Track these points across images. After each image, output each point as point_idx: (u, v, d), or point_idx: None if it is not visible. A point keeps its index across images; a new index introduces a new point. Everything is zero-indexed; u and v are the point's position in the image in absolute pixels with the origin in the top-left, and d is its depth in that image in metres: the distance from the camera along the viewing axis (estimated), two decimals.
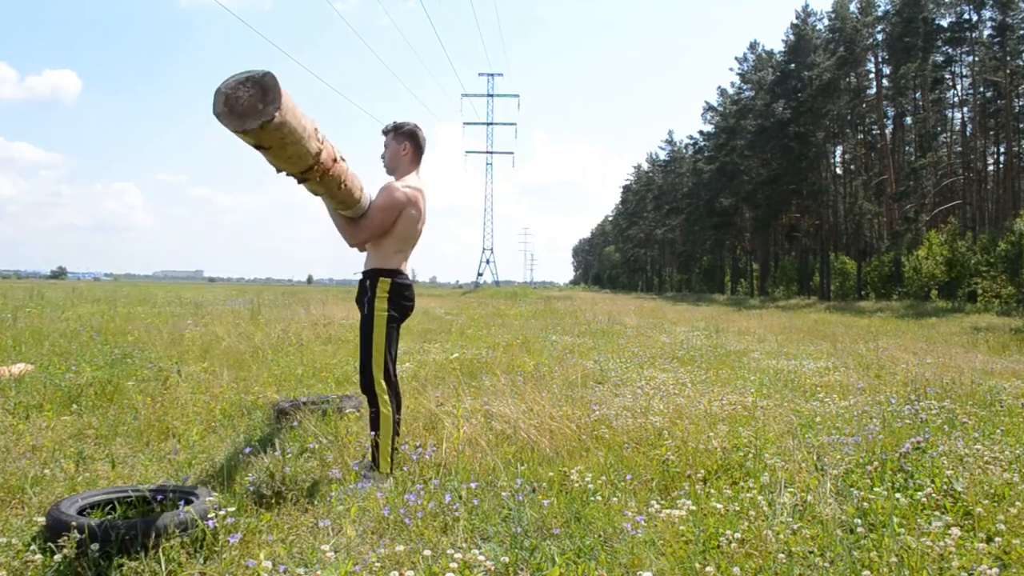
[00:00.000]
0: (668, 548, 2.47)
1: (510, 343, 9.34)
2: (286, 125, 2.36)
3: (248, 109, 2.28)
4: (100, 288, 41.47)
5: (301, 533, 2.73)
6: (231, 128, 2.30)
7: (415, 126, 3.67)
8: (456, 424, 3.99)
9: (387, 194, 3.47)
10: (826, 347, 10.34)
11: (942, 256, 30.14)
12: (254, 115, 2.28)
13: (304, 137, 2.55)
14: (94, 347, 7.79)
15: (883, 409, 4.78)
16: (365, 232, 3.50)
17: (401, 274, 3.57)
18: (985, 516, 2.69)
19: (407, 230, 3.53)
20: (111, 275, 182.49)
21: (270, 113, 2.26)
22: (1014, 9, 33.17)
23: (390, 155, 3.64)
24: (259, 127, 2.27)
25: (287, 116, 2.35)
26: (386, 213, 3.45)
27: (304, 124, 2.53)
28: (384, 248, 3.53)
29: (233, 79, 2.31)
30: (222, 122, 2.31)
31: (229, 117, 2.29)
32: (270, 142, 2.42)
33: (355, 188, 3.27)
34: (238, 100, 2.29)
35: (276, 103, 2.27)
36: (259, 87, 2.29)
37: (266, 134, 2.34)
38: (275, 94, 2.28)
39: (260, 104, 2.28)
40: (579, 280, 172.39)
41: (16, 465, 3.43)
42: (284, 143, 2.46)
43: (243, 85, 2.30)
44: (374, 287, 3.48)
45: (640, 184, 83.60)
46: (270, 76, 2.29)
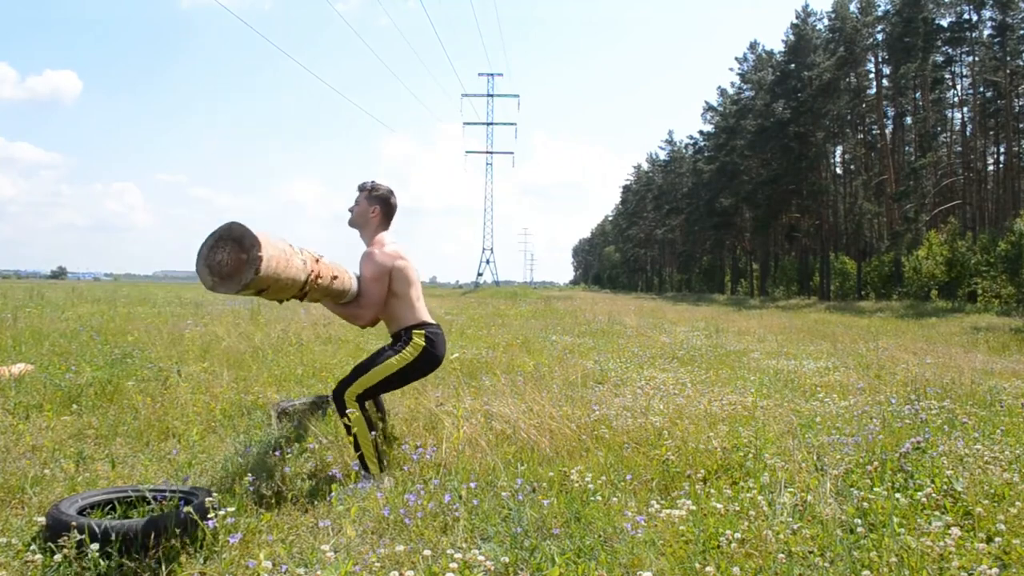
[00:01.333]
0: (668, 548, 2.47)
1: (510, 343, 9.34)
2: (272, 259, 2.38)
3: (236, 266, 2.28)
4: (100, 288, 41.47)
5: (301, 533, 2.73)
6: (232, 292, 2.31)
7: (389, 191, 3.69)
8: (456, 424, 3.99)
9: (370, 263, 3.50)
10: (826, 347, 10.34)
11: (942, 256, 30.14)
12: (245, 267, 2.28)
13: (289, 260, 2.57)
14: (94, 347, 7.79)
15: (883, 409, 4.78)
16: (369, 308, 3.52)
17: (430, 324, 3.60)
18: (985, 516, 2.69)
19: (405, 283, 3.55)
20: (111, 275, 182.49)
21: (256, 256, 2.26)
22: (1014, 9, 33.16)
23: (358, 212, 3.66)
24: (255, 274, 2.27)
25: (269, 251, 2.36)
26: (379, 281, 3.48)
27: (283, 248, 2.55)
28: (398, 310, 3.56)
29: (205, 249, 2.30)
30: (220, 291, 2.32)
31: (224, 283, 2.30)
32: (268, 283, 2.43)
33: (344, 275, 3.32)
34: (221, 264, 2.29)
35: (256, 244, 2.27)
36: (231, 241, 2.28)
37: (263, 277, 2.35)
38: (249, 238, 2.27)
39: (242, 254, 2.28)
40: (579, 280, 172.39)
41: (16, 465, 3.43)
42: (278, 276, 2.48)
43: (217, 249, 2.29)
44: (409, 337, 3.51)
45: (640, 184, 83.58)
46: (236, 225, 2.29)
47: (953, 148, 42.06)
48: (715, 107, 57.34)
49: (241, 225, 2.29)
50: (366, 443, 3.35)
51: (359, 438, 3.35)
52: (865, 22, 38.79)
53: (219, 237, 2.29)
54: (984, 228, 35.39)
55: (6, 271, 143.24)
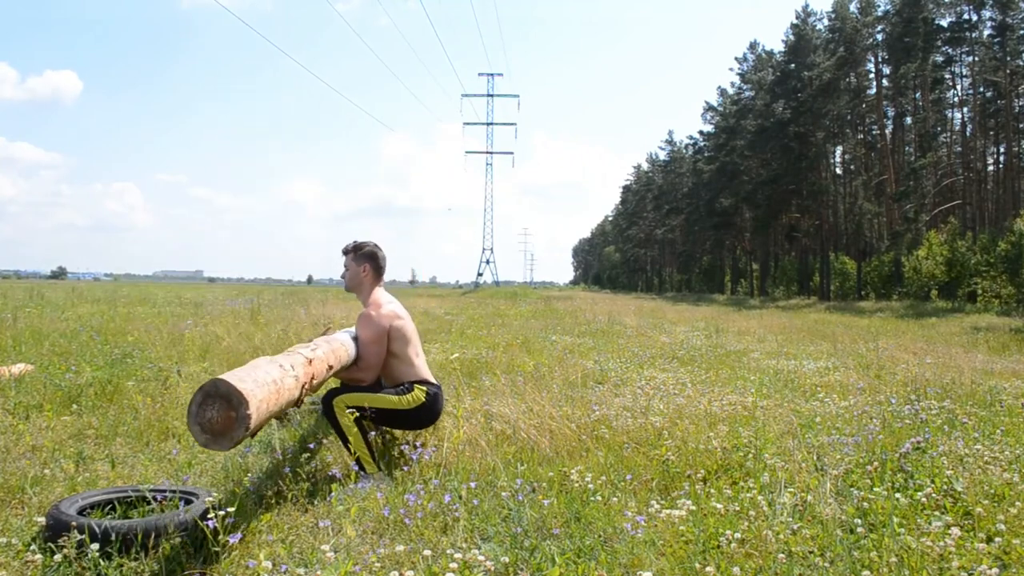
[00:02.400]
0: (668, 548, 2.47)
1: (510, 343, 9.34)
2: (262, 403, 2.37)
3: (225, 424, 2.27)
4: (100, 288, 41.47)
5: (301, 533, 2.73)
6: (226, 449, 2.31)
7: (374, 247, 3.72)
8: (456, 424, 3.99)
9: (366, 325, 3.53)
10: (826, 347, 10.34)
11: (942, 256, 30.15)
12: (235, 425, 2.27)
13: (281, 387, 2.57)
14: (94, 347, 7.79)
15: (883, 409, 4.78)
16: (370, 370, 3.56)
17: (432, 383, 3.64)
18: (985, 516, 2.69)
19: (403, 342, 3.58)
20: (111, 275, 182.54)
21: (245, 416, 2.25)
22: (1014, 9, 33.15)
23: (350, 276, 3.70)
24: (245, 431, 2.27)
25: (257, 396, 2.34)
26: (377, 343, 3.52)
27: (271, 378, 2.52)
28: (397, 369, 3.59)
29: (194, 407, 2.29)
30: (214, 449, 2.31)
31: (217, 442, 2.29)
32: (261, 422, 2.43)
33: (340, 355, 3.33)
34: (212, 422, 2.28)
35: (243, 402, 2.25)
36: (219, 399, 2.27)
37: (257, 427, 2.36)
38: (236, 395, 2.26)
39: (231, 412, 2.27)
40: (579, 280, 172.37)
41: (16, 465, 3.43)
42: (270, 411, 2.49)
43: (205, 406, 2.28)
44: (411, 388, 3.54)
45: (640, 184, 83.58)
46: (221, 382, 2.28)
47: (953, 148, 42.05)
48: (715, 107, 57.35)
49: (226, 383, 2.27)
50: (359, 444, 3.36)
51: (352, 440, 3.36)
52: (865, 22, 38.78)
53: (207, 394, 2.28)
54: (984, 228, 35.39)
55: (6, 271, 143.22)
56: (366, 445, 3.36)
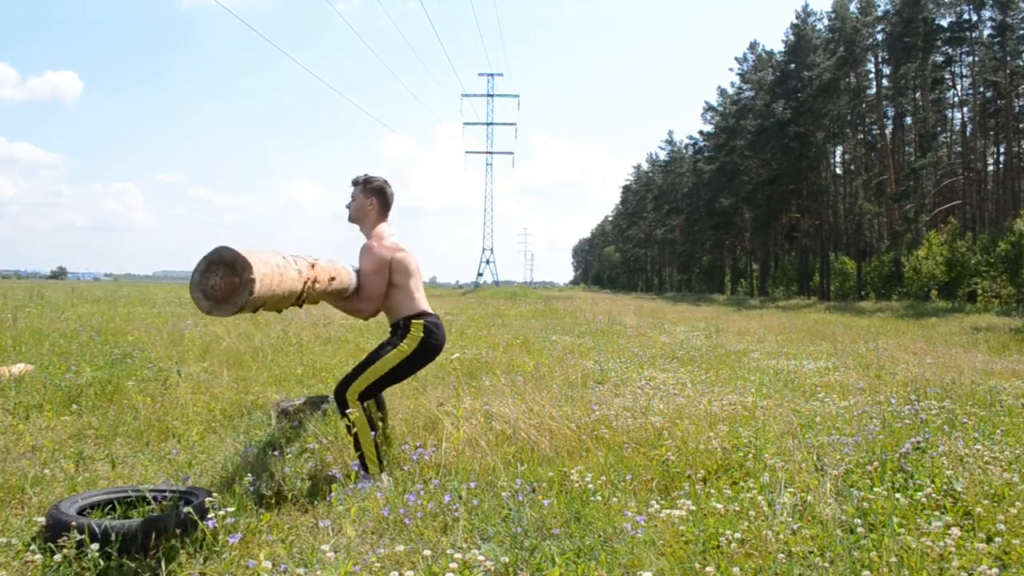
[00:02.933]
0: (668, 548, 2.47)
1: (510, 343, 9.34)
2: (266, 277, 2.38)
3: (229, 289, 2.29)
4: (100, 288, 41.46)
5: (301, 533, 2.73)
6: (227, 314, 2.31)
7: (384, 181, 3.68)
8: (456, 424, 3.99)
9: (368, 256, 3.49)
10: (826, 347, 10.33)
11: (942, 256, 30.13)
12: (238, 290, 2.28)
13: (283, 273, 2.56)
14: (94, 347, 7.78)
15: (883, 409, 4.78)
16: (371, 301, 3.53)
17: (430, 314, 3.60)
18: (985, 516, 2.69)
19: (404, 274, 3.54)
20: (111, 275, 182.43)
21: (249, 279, 2.26)
22: (1014, 9, 33.15)
23: (356, 207, 3.66)
24: (249, 295, 2.27)
25: (262, 269, 2.35)
26: (378, 275, 3.48)
27: (276, 263, 2.54)
28: (398, 300, 3.56)
29: (197, 275, 2.31)
30: (216, 315, 2.32)
31: (219, 306, 2.30)
32: (263, 299, 2.43)
33: (341, 273, 3.31)
34: (215, 288, 2.29)
35: (247, 267, 2.27)
36: (223, 265, 2.29)
37: (259, 298, 2.35)
38: (240, 261, 2.28)
39: (235, 278, 2.28)
40: (579, 280, 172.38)
41: (16, 465, 3.43)
42: (273, 292, 2.48)
43: (209, 273, 2.30)
44: (407, 328, 3.51)
45: (640, 184, 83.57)
46: (226, 249, 2.29)
47: (953, 148, 42.05)
48: (715, 107, 57.35)
49: (231, 249, 2.29)
50: (367, 442, 3.35)
51: (359, 437, 3.35)
52: (865, 22, 38.78)
53: (210, 262, 2.29)
54: (984, 228, 35.39)
55: (6, 271, 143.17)
56: (373, 444, 3.36)
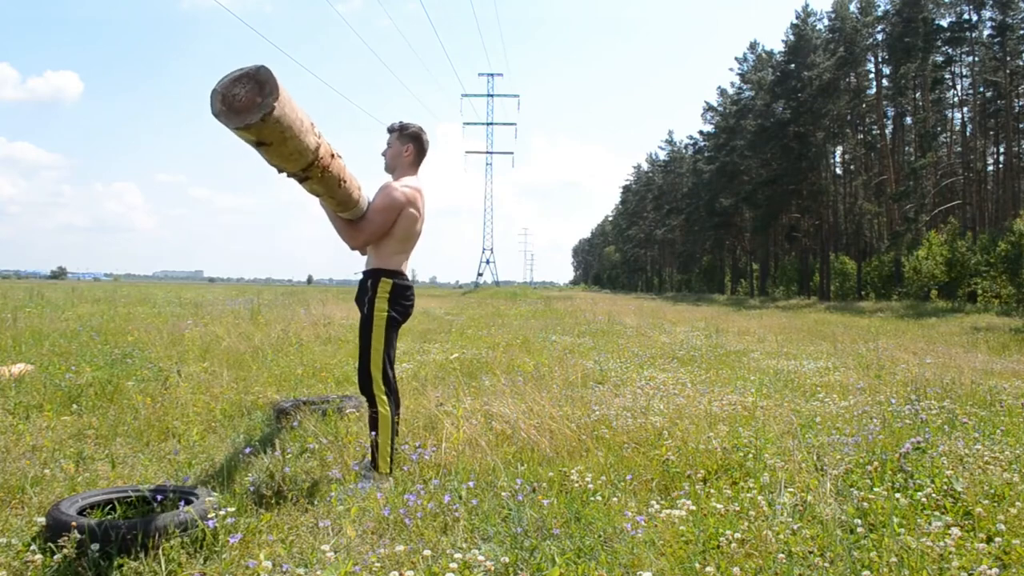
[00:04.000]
0: (668, 548, 2.47)
1: (510, 343, 9.34)
2: (285, 117, 2.35)
3: (247, 105, 2.27)
4: (100, 288, 41.46)
5: (301, 533, 2.73)
6: (232, 125, 2.29)
7: (420, 129, 3.64)
8: (456, 424, 3.99)
9: (385, 195, 3.45)
10: (826, 347, 10.33)
11: (942, 256, 30.12)
12: (253, 109, 2.26)
13: (303, 131, 2.53)
14: (94, 347, 7.78)
15: (883, 409, 4.78)
16: (365, 233, 3.47)
17: (402, 275, 3.55)
18: (985, 516, 2.69)
19: (407, 230, 3.51)
20: (111, 275, 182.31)
21: (269, 105, 2.25)
22: (1014, 9, 33.16)
23: (391, 154, 3.62)
24: (260, 120, 2.26)
25: (285, 108, 2.34)
26: (385, 214, 3.43)
27: (301, 118, 2.51)
28: (384, 249, 3.51)
29: (227, 78, 2.30)
30: (222, 121, 2.30)
31: (228, 115, 2.28)
32: (271, 137, 2.39)
33: (354, 187, 3.25)
34: (235, 97, 2.27)
35: (274, 94, 2.26)
36: (254, 82, 2.27)
37: (267, 128, 2.32)
38: (272, 86, 2.27)
39: (258, 97, 2.26)
40: (579, 280, 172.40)
41: (16, 465, 3.43)
42: (284, 137, 2.44)
43: (238, 82, 2.28)
44: (375, 288, 3.46)
45: (640, 184, 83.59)
46: (264, 69, 2.28)
47: (953, 148, 42.05)
48: (715, 107, 57.37)
49: (271, 73, 2.28)
50: (386, 440, 3.34)
51: (381, 435, 3.34)
52: (865, 22, 38.78)
53: (245, 74, 2.29)
54: (984, 228, 35.38)
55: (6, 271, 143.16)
56: (390, 445, 3.35)
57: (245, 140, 2.41)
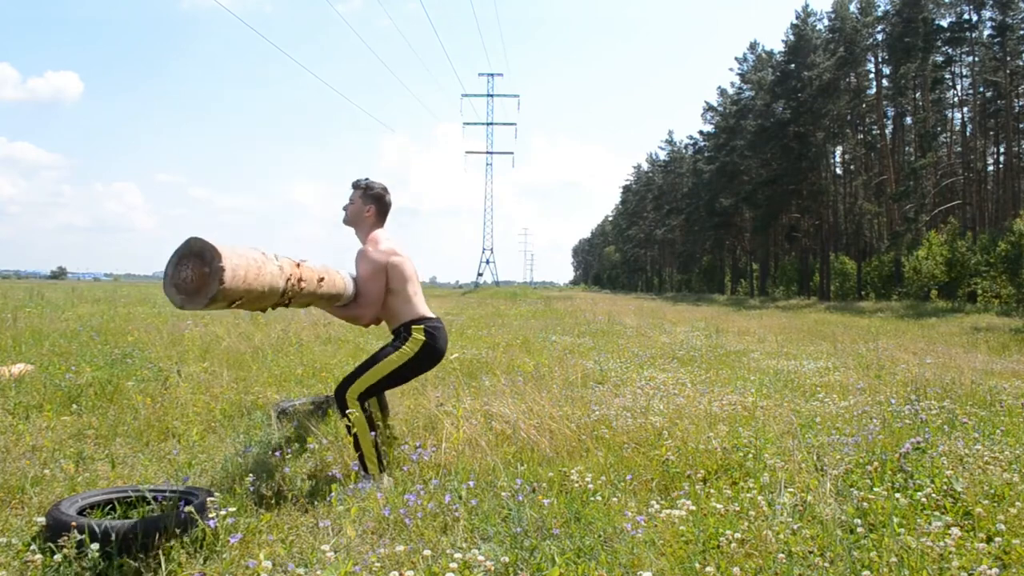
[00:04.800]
0: (668, 548, 2.47)
1: (510, 343, 9.34)
2: (239, 268, 2.36)
3: (200, 281, 2.28)
4: (100, 288, 41.46)
5: (301, 533, 2.73)
6: (201, 306, 2.31)
7: (383, 189, 3.67)
8: (456, 424, 3.99)
9: (366, 261, 3.47)
10: (826, 347, 10.33)
11: (942, 256, 30.12)
12: (209, 280, 2.27)
13: (261, 266, 2.54)
14: (94, 347, 7.78)
15: (883, 409, 4.78)
16: (369, 307, 3.50)
17: (430, 318, 3.58)
18: (985, 516, 2.69)
19: (402, 278, 3.52)
20: (111, 275, 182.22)
21: (218, 268, 2.25)
22: (1014, 9, 33.17)
23: (352, 211, 3.64)
24: (220, 285, 2.26)
25: (233, 259, 2.34)
26: (375, 279, 3.46)
27: (252, 256, 2.52)
28: (397, 306, 3.54)
29: (170, 269, 2.31)
30: (189, 308, 2.32)
31: (192, 299, 2.29)
32: (238, 293, 2.41)
33: (333, 275, 3.28)
34: (186, 281, 2.29)
35: (216, 258, 2.26)
36: (193, 257, 2.28)
37: (231, 289, 2.33)
38: (209, 251, 2.27)
39: (205, 268, 2.27)
40: (579, 280, 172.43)
41: (16, 465, 3.43)
42: (250, 285, 2.45)
43: (180, 266, 2.30)
44: (408, 332, 3.50)
45: (640, 184, 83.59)
46: (194, 240, 2.29)
47: (953, 148, 42.06)
48: (715, 107, 57.37)
49: (200, 239, 2.29)
50: (366, 443, 3.34)
51: (359, 438, 3.34)
52: (865, 22, 38.79)
53: (181, 255, 2.30)
54: (984, 228, 35.39)
55: (6, 271, 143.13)
56: (373, 445, 3.35)
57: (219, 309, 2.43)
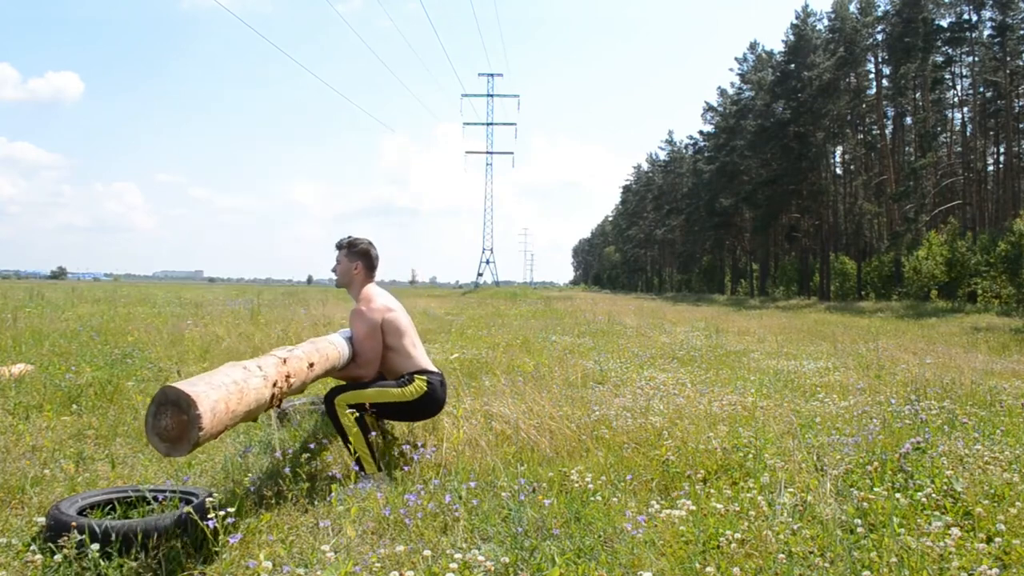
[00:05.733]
0: (668, 548, 2.47)
1: (510, 343, 9.34)
2: (218, 404, 2.36)
3: (180, 429, 2.28)
4: (100, 288, 41.46)
5: (301, 533, 2.73)
6: (185, 454, 2.31)
7: (368, 244, 3.71)
8: (456, 424, 3.99)
9: (360, 321, 3.51)
10: (826, 347, 10.33)
11: (942, 256, 30.12)
12: (188, 427, 2.27)
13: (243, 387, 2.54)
14: (94, 347, 7.78)
15: (883, 409, 4.78)
16: (368, 365, 3.54)
17: (433, 372, 3.62)
18: (985, 516, 2.69)
19: (397, 334, 3.56)
20: (111, 275, 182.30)
21: (195, 416, 2.25)
22: (1014, 9, 33.16)
23: (341, 271, 3.70)
24: (199, 432, 2.26)
25: (211, 398, 2.34)
26: (371, 338, 3.50)
27: (232, 380, 2.51)
28: (396, 361, 3.58)
29: (150, 418, 2.30)
30: (175, 455, 2.32)
31: (175, 447, 2.30)
32: (223, 425, 2.41)
33: (326, 352, 3.30)
34: (167, 429, 2.28)
35: (192, 405, 2.25)
36: (170, 405, 2.28)
37: (214, 430, 2.34)
38: (184, 399, 2.26)
39: (183, 416, 2.27)
40: (579, 280, 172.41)
41: (16, 465, 3.43)
42: (234, 413, 2.46)
43: (159, 415, 2.29)
44: (411, 379, 3.52)
45: (640, 184, 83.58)
46: (168, 388, 2.28)
47: (953, 148, 42.05)
48: (715, 107, 57.36)
49: (174, 387, 2.28)
50: (360, 444, 3.35)
51: (353, 438, 3.35)
52: (865, 22, 38.78)
53: (159, 404, 2.30)
54: (984, 228, 35.37)
55: (6, 271, 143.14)
56: (367, 445, 3.36)
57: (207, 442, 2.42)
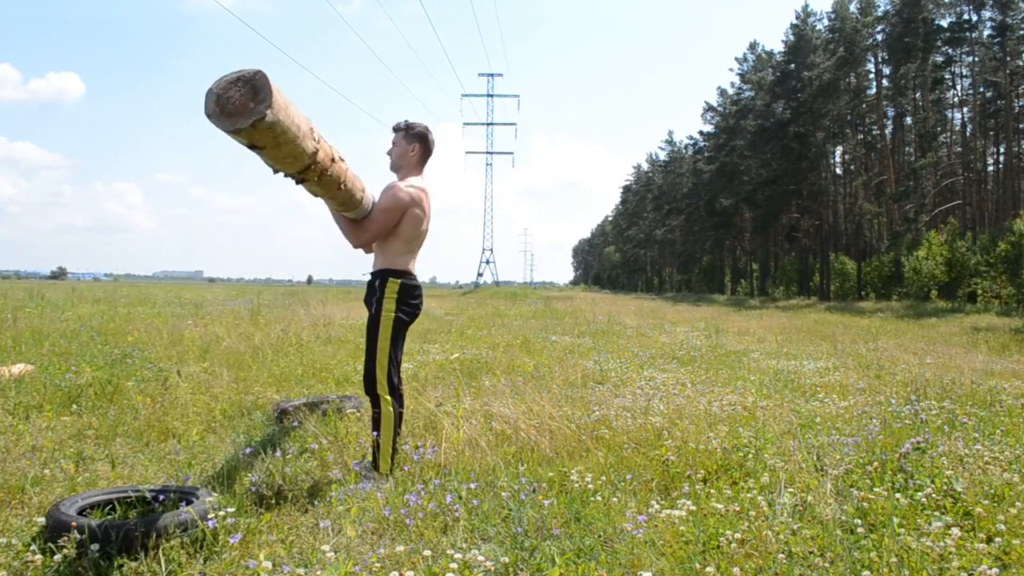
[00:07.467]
0: (668, 548, 2.47)
1: (510, 343, 9.34)
2: (278, 123, 2.35)
3: (239, 108, 2.27)
4: (100, 288, 41.47)
5: (301, 533, 2.73)
6: (223, 128, 2.29)
7: (426, 128, 3.63)
8: (456, 424, 3.99)
9: (390, 195, 3.44)
10: (826, 347, 10.33)
11: (942, 256, 30.11)
12: (245, 114, 2.26)
13: (298, 136, 2.53)
14: (94, 347, 7.78)
15: (883, 409, 4.78)
16: (368, 233, 3.47)
17: (410, 275, 3.54)
18: (985, 516, 2.69)
19: (412, 230, 3.49)
20: (111, 275, 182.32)
21: (261, 111, 2.24)
22: (1014, 9, 33.16)
23: (397, 153, 3.60)
24: (251, 126, 2.25)
25: (279, 114, 2.33)
26: (389, 214, 3.42)
27: (298, 123, 2.51)
28: (391, 249, 3.50)
29: (224, 79, 2.29)
30: (214, 123, 2.29)
31: (220, 117, 2.28)
32: (263, 141, 2.39)
33: (356, 189, 3.25)
34: (229, 100, 2.27)
35: (267, 101, 2.25)
36: (250, 86, 2.27)
37: (258, 133, 2.31)
38: (266, 92, 2.26)
39: (251, 103, 2.26)
40: (579, 280, 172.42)
41: (16, 465, 3.43)
42: (278, 142, 2.44)
43: (234, 85, 2.28)
44: (383, 288, 3.44)
45: (640, 184, 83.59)
46: (260, 75, 2.27)
47: (953, 148, 42.05)
48: (715, 107, 57.35)
49: (267, 79, 2.27)
50: (388, 440, 3.34)
51: (383, 433, 3.34)
52: (865, 22, 38.78)
53: (241, 77, 2.29)
54: (984, 228, 35.38)
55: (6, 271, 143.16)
56: (393, 442, 3.35)
57: (238, 142, 2.41)
